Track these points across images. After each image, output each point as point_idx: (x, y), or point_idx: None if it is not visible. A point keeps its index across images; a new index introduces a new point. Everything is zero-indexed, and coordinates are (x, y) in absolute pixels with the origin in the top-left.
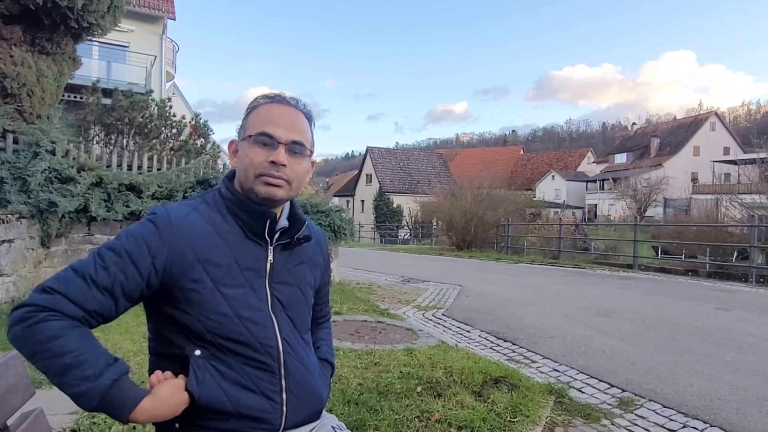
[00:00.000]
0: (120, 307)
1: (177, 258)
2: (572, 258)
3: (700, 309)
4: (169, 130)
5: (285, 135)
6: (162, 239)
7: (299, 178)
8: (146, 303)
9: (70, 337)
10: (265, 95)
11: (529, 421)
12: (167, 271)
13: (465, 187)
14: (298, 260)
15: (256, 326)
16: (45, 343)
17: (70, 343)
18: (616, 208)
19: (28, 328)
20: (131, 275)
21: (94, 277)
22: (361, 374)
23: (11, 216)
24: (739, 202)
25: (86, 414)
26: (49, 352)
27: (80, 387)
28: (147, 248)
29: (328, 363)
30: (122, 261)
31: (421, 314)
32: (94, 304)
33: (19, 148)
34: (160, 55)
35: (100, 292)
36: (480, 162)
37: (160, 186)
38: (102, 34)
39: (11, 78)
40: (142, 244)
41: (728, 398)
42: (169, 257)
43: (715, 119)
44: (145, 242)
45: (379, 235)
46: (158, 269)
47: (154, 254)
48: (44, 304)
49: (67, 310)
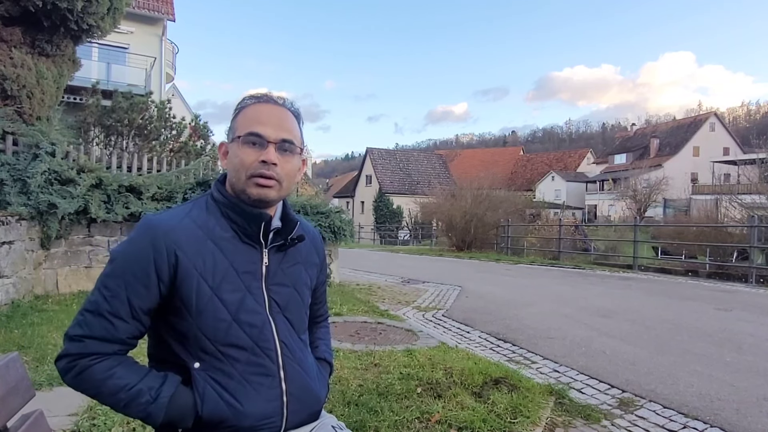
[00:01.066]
0: (145, 323)
1: (174, 266)
2: (572, 259)
3: (700, 309)
4: (168, 132)
5: (274, 134)
6: (156, 249)
7: (290, 176)
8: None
9: (118, 374)
10: (252, 95)
11: (530, 422)
12: (170, 278)
13: (465, 187)
14: (293, 261)
15: (255, 329)
16: (98, 387)
17: (120, 380)
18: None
19: (76, 378)
20: (141, 293)
21: (110, 310)
22: (361, 375)
23: (11, 218)
24: (739, 203)
25: (86, 416)
26: (105, 394)
27: (144, 412)
28: (146, 263)
29: (326, 363)
30: (127, 282)
31: (421, 315)
32: (122, 332)
33: (19, 150)
34: (160, 56)
35: (122, 320)
36: (480, 163)
37: (159, 187)
38: (102, 35)
39: (11, 80)
40: (140, 259)
41: (728, 399)
42: (169, 266)
43: (714, 120)
44: (142, 257)
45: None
46: (164, 279)
47: (157, 266)
48: (78, 351)
49: (102, 349)
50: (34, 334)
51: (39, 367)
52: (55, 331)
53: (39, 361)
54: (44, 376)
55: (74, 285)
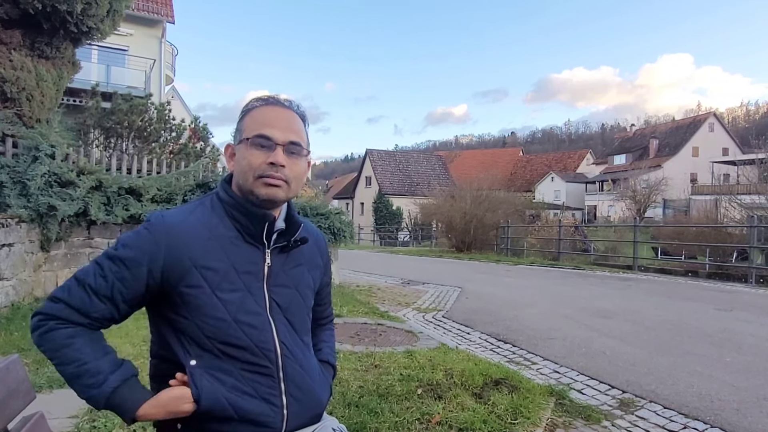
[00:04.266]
0: (122, 312)
1: (174, 263)
2: (572, 259)
3: (700, 310)
4: (168, 134)
5: (282, 136)
6: (158, 245)
7: (297, 178)
8: (148, 306)
9: (76, 345)
10: (259, 98)
11: (530, 422)
12: (165, 276)
13: (464, 188)
14: (295, 263)
15: (254, 330)
16: (55, 351)
17: (75, 352)
18: (615, 209)
19: (41, 336)
20: (129, 283)
21: (93, 287)
22: (361, 377)
23: (11, 220)
24: (739, 203)
25: (86, 418)
26: (59, 360)
27: (87, 393)
28: (143, 255)
29: (329, 365)
30: (120, 269)
31: (421, 316)
32: (96, 311)
33: (19, 152)
34: (160, 58)
35: (101, 300)
36: (479, 164)
37: (159, 189)
38: (101, 38)
39: (11, 82)
40: (138, 252)
41: (728, 399)
42: (166, 263)
43: (713, 120)
44: (141, 250)
45: (379, 238)
46: (156, 275)
47: (151, 261)
48: (51, 312)
49: (72, 317)
50: None
51: (39, 370)
52: None
53: (39, 363)
54: (44, 378)
55: None
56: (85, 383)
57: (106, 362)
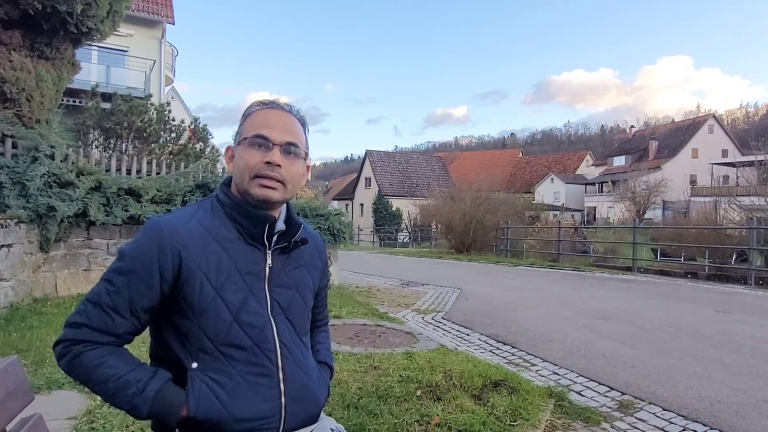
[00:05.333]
0: (143, 322)
1: (178, 266)
2: (571, 261)
3: (699, 311)
4: (168, 134)
5: (279, 137)
6: (162, 250)
7: (294, 179)
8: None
9: (109, 362)
10: (260, 102)
11: (529, 424)
12: (175, 279)
13: (464, 190)
14: (296, 264)
15: (255, 330)
16: (89, 373)
17: (110, 369)
18: (615, 211)
19: (69, 363)
20: (143, 292)
21: (111, 305)
22: (360, 378)
23: (10, 221)
24: (738, 205)
25: (85, 419)
26: (94, 382)
27: (130, 403)
28: (152, 262)
29: (327, 366)
30: (131, 281)
31: (420, 318)
32: (119, 327)
33: (18, 153)
34: (159, 59)
35: (121, 315)
36: (479, 165)
37: (159, 190)
38: (101, 38)
39: (10, 83)
40: (145, 259)
41: (728, 401)
42: (174, 265)
43: (713, 122)
44: (147, 257)
45: (379, 239)
46: (167, 278)
47: (161, 266)
48: (75, 337)
49: (97, 338)
50: (32, 337)
51: (38, 371)
52: (54, 335)
53: (38, 364)
54: (43, 379)
55: (73, 288)
56: (127, 393)
57: (143, 371)
